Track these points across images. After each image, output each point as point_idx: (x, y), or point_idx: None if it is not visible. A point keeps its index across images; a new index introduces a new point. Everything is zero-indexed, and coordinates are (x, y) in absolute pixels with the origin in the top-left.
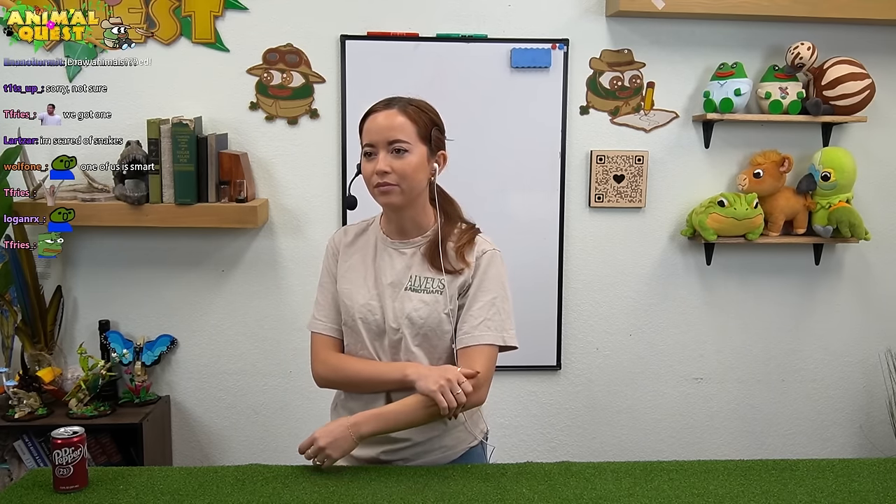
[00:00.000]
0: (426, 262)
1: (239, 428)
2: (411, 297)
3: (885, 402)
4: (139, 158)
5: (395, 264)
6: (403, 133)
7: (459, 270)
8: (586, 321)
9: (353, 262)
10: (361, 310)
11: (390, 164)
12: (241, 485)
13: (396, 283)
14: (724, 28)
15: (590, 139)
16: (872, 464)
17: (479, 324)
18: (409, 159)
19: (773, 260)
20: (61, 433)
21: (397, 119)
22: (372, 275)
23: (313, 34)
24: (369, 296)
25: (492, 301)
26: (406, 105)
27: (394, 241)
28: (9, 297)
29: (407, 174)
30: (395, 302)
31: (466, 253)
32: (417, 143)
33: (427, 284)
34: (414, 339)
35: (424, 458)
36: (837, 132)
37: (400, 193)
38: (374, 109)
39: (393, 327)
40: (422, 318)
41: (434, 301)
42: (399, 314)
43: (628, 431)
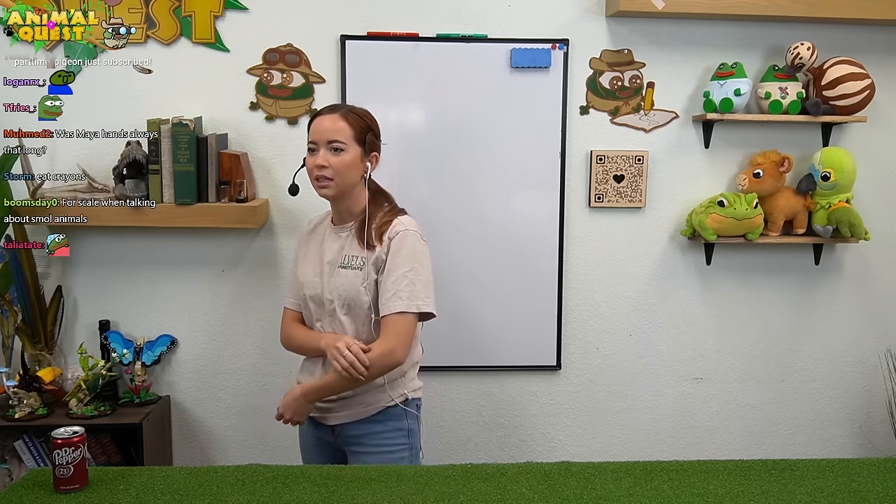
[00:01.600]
0: (355, 241)
1: (239, 428)
2: (340, 273)
3: (885, 402)
4: (139, 158)
5: (333, 246)
6: (341, 135)
7: (373, 247)
8: (586, 321)
9: (309, 248)
10: (308, 286)
11: (328, 160)
12: (241, 485)
13: (333, 261)
14: (724, 28)
15: (590, 139)
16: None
17: (392, 295)
18: (343, 157)
19: (772, 260)
20: (61, 433)
21: (338, 123)
22: (318, 256)
23: (313, 34)
24: (313, 273)
25: (403, 274)
26: (347, 112)
27: (335, 226)
28: (9, 297)
29: (340, 170)
30: (331, 278)
31: (383, 232)
32: (353, 145)
33: (352, 262)
34: (342, 309)
35: (346, 410)
36: (837, 132)
37: (334, 187)
38: (321, 113)
39: (328, 299)
40: (346, 291)
41: (355, 276)
42: (331, 288)
43: (628, 431)
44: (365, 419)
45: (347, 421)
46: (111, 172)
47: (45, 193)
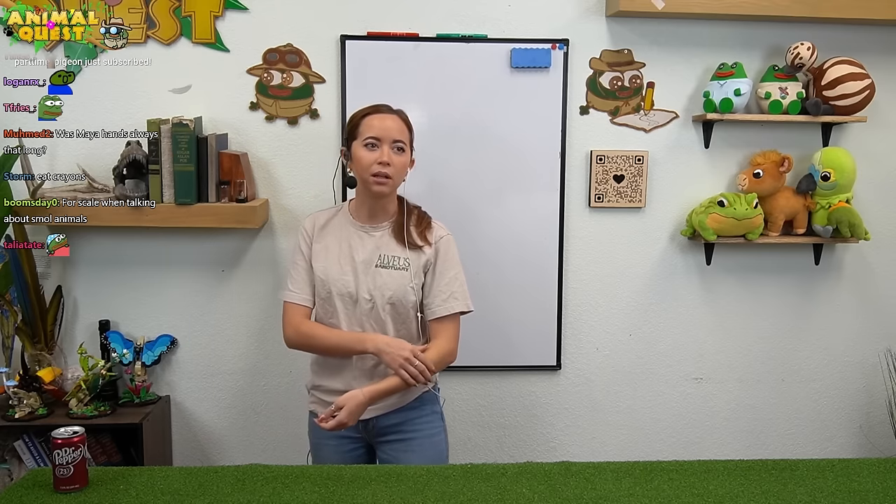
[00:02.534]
0: (393, 241)
1: (239, 428)
2: (381, 272)
3: (885, 402)
4: (139, 158)
5: (365, 245)
6: (404, 136)
7: (421, 248)
8: (586, 321)
9: (327, 243)
10: (337, 283)
11: (391, 159)
12: (241, 485)
13: (367, 260)
14: (724, 28)
15: (590, 139)
16: (872, 464)
17: (449, 296)
18: (403, 158)
19: (772, 260)
20: (61, 433)
21: (400, 123)
22: (346, 254)
23: (313, 34)
24: (341, 271)
25: (454, 276)
26: (403, 114)
27: (364, 224)
28: (9, 297)
29: (400, 170)
30: (367, 277)
31: (427, 234)
32: (408, 146)
33: (394, 262)
34: (384, 309)
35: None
36: (837, 132)
37: (391, 185)
38: (379, 110)
39: (366, 298)
40: (391, 290)
41: (401, 276)
42: (371, 287)
43: (628, 431)
44: (401, 408)
45: (383, 412)
46: (111, 172)
47: (45, 193)
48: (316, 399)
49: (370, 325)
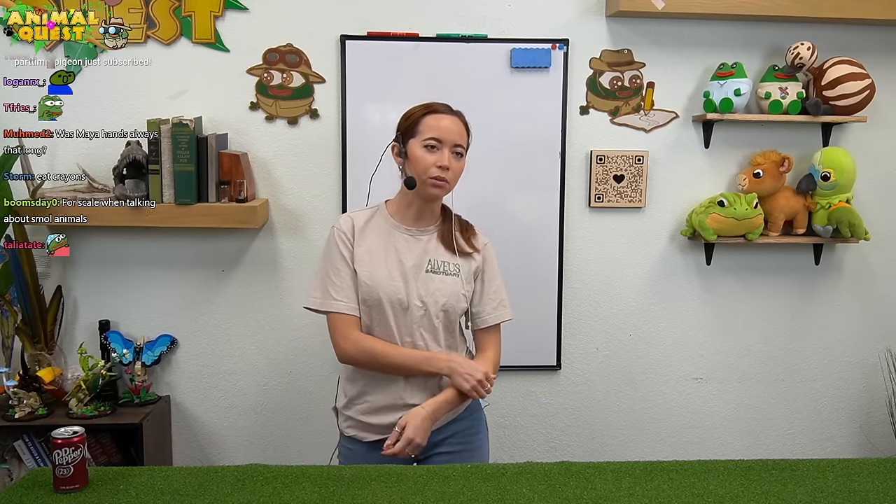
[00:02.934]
0: (442, 247)
1: (239, 428)
2: (433, 278)
3: (885, 402)
4: (139, 158)
5: (413, 249)
6: (462, 140)
7: (470, 254)
8: (586, 321)
9: (370, 246)
10: (386, 290)
11: (451, 163)
12: (241, 485)
13: (417, 265)
14: (724, 28)
15: (590, 139)
16: (872, 464)
17: (498, 305)
18: (461, 163)
19: (773, 260)
20: (61, 433)
21: (460, 127)
22: (393, 258)
23: (313, 34)
24: (391, 277)
25: (500, 284)
26: (463, 116)
27: (409, 227)
28: (9, 297)
29: (457, 175)
30: (418, 282)
31: (474, 240)
32: (465, 152)
33: (445, 267)
34: (437, 316)
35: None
36: (837, 132)
37: (447, 190)
38: (438, 110)
39: (417, 305)
40: (444, 297)
41: (453, 282)
42: (423, 293)
43: (628, 431)
44: (452, 420)
45: (437, 427)
46: (111, 172)
47: (45, 193)
48: (354, 421)
49: (420, 334)
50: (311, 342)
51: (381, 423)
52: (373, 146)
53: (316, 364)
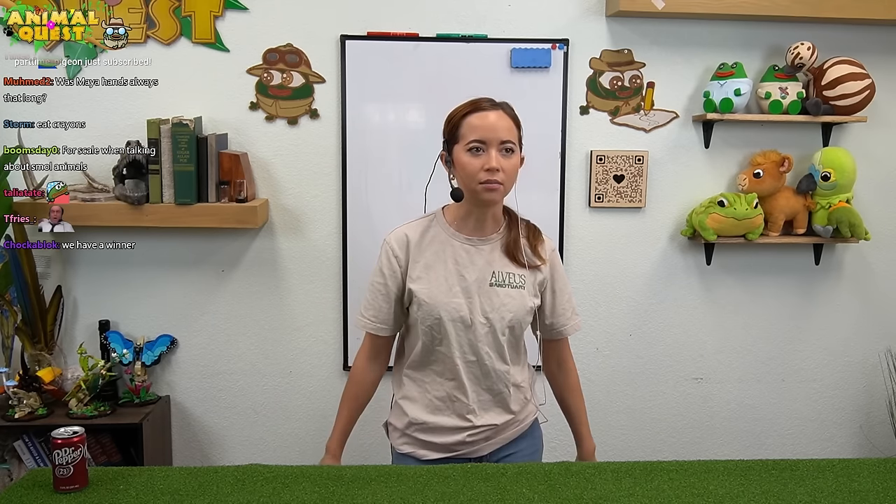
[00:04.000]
0: (506, 257)
1: (239, 428)
2: (498, 292)
3: (885, 402)
4: (139, 158)
5: (475, 261)
6: (512, 134)
7: (538, 266)
8: (586, 321)
9: (428, 261)
10: (447, 308)
11: (500, 163)
12: (241, 485)
13: (481, 279)
14: (724, 28)
15: (590, 139)
16: (872, 464)
17: (573, 313)
18: (514, 160)
19: (773, 260)
20: (61, 433)
21: (507, 121)
22: (453, 272)
23: (313, 34)
24: (452, 293)
25: (571, 291)
26: (509, 108)
27: (470, 237)
28: (9, 297)
29: (511, 174)
30: (482, 298)
31: (540, 249)
32: (518, 145)
33: (510, 280)
34: (503, 332)
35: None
36: (837, 132)
37: (503, 192)
38: (482, 107)
39: (482, 322)
40: (511, 312)
41: (520, 296)
42: (488, 309)
43: (628, 431)
44: (519, 437)
45: (506, 441)
46: (111, 172)
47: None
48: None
49: (486, 352)
50: (311, 342)
51: (444, 443)
52: (373, 146)
53: (316, 364)
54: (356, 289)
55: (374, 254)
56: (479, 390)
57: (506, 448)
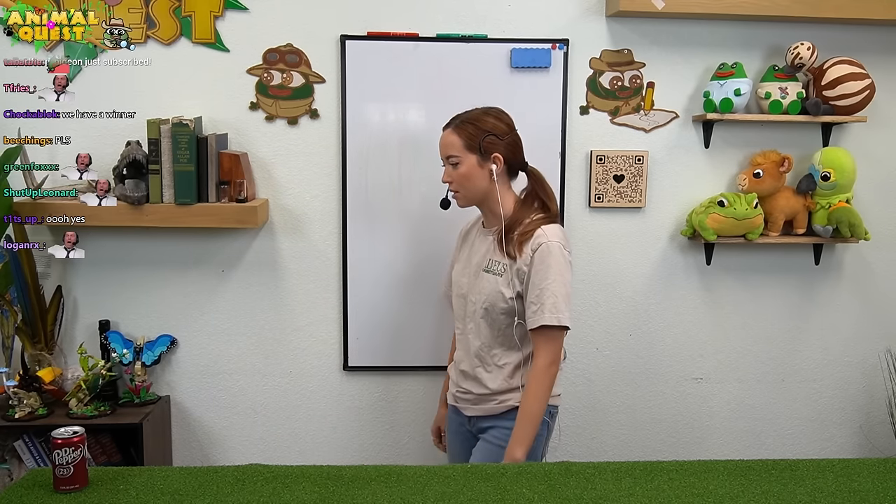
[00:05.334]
0: (498, 247)
1: (239, 428)
2: (485, 276)
3: (885, 402)
4: (139, 158)
5: (481, 248)
6: (453, 149)
7: (513, 257)
8: (586, 321)
9: (464, 247)
10: (456, 284)
11: (450, 175)
12: (241, 485)
13: (479, 263)
14: (724, 28)
15: (590, 139)
16: (872, 464)
17: (538, 308)
18: (460, 170)
19: (773, 260)
20: (61, 433)
21: (449, 137)
22: (466, 255)
23: (313, 34)
24: (462, 273)
25: (548, 287)
26: (460, 122)
27: (484, 228)
28: (9, 297)
29: (461, 182)
30: (476, 279)
31: (524, 243)
32: (466, 155)
33: (495, 266)
34: (479, 312)
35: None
36: (837, 132)
37: (463, 197)
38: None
39: (472, 300)
40: (485, 295)
41: (496, 281)
42: (476, 290)
43: (628, 431)
44: (497, 414)
45: (482, 415)
46: (111, 172)
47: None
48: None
49: (472, 326)
50: (311, 342)
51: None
52: (373, 146)
53: (316, 364)
54: (356, 289)
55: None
56: (468, 357)
57: (488, 419)
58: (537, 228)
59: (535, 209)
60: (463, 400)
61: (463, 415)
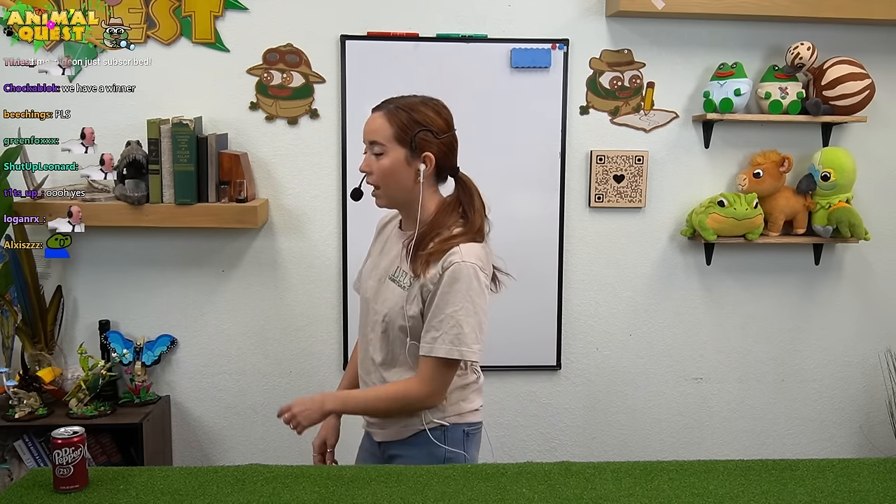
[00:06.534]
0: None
1: (239, 428)
2: (389, 285)
3: (885, 402)
4: (139, 158)
5: (392, 250)
6: (379, 135)
7: (418, 275)
8: (586, 321)
9: (377, 244)
10: (362, 287)
11: (370, 165)
12: (241, 485)
13: (387, 268)
14: (724, 28)
15: (590, 139)
16: (872, 464)
17: (438, 336)
18: (383, 162)
19: (773, 260)
20: (61, 433)
21: (377, 121)
22: (377, 258)
23: (313, 34)
24: (370, 275)
25: (451, 315)
26: (394, 108)
27: (400, 230)
28: (9, 297)
29: (381, 175)
30: (380, 285)
31: (432, 261)
32: (394, 146)
33: (401, 278)
34: (379, 325)
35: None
36: (837, 132)
37: (383, 195)
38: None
39: (374, 309)
40: (386, 307)
41: (398, 295)
42: (378, 298)
43: (628, 431)
44: (404, 440)
45: (388, 440)
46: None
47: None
48: None
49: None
50: (311, 342)
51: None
52: None
53: (316, 364)
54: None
55: None
56: (367, 371)
57: (395, 445)
58: (454, 246)
59: (455, 222)
60: (372, 423)
61: (373, 440)
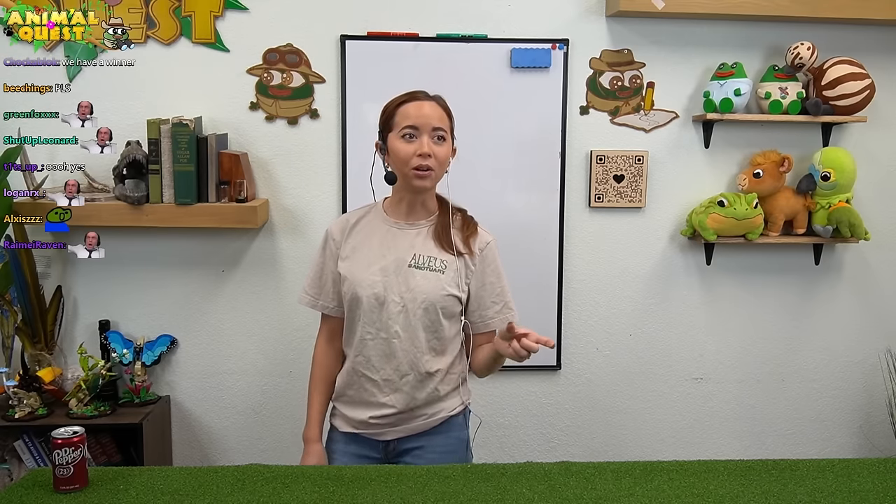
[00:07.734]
0: (432, 242)
1: (239, 428)
2: (415, 274)
3: (885, 402)
4: (139, 158)
5: (398, 243)
6: (443, 123)
7: (463, 255)
8: (586, 321)
9: (357, 243)
10: (362, 284)
11: (433, 149)
12: (241, 485)
13: (400, 259)
14: (724, 28)
15: (590, 139)
16: (872, 464)
17: (503, 307)
18: (445, 148)
19: (773, 260)
20: (61, 433)
21: (439, 110)
22: (376, 252)
23: (313, 34)
24: (370, 271)
25: (504, 286)
26: (442, 100)
27: (398, 222)
28: (9, 297)
29: (442, 161)
30: (399, 277)
31: (472, 241)
32: (449, 135)
33: (430, 263)
34: (415, 314)
35: (407, 423)
36: (837, 132)
37: (434, 178)
38: (416, 97)
39: (395, 301)
40: (424, 294)
41: (436, 279)
42: (403, 289)
43: (628, 431)
44: (425, 431)
45: (407, 434)
46: (111, 172)
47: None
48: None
49: (396, 331)
50: (311, 342)
51: (353, 418)
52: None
53: None
54: None
55: None
56: (385, 369)
57: (413, 439)
58: (477, 226)
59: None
60: (376, 426)
61: (373, 441)
